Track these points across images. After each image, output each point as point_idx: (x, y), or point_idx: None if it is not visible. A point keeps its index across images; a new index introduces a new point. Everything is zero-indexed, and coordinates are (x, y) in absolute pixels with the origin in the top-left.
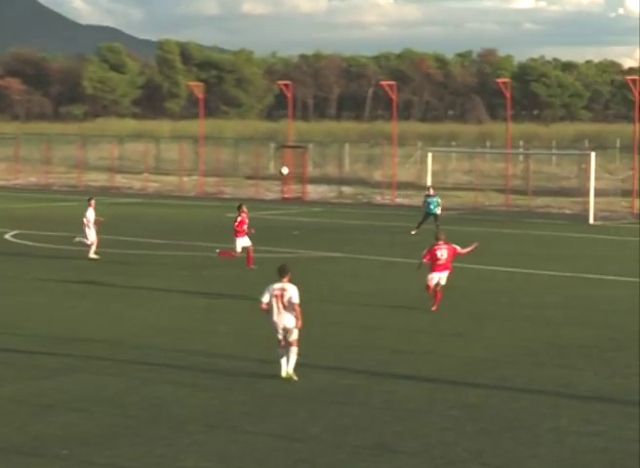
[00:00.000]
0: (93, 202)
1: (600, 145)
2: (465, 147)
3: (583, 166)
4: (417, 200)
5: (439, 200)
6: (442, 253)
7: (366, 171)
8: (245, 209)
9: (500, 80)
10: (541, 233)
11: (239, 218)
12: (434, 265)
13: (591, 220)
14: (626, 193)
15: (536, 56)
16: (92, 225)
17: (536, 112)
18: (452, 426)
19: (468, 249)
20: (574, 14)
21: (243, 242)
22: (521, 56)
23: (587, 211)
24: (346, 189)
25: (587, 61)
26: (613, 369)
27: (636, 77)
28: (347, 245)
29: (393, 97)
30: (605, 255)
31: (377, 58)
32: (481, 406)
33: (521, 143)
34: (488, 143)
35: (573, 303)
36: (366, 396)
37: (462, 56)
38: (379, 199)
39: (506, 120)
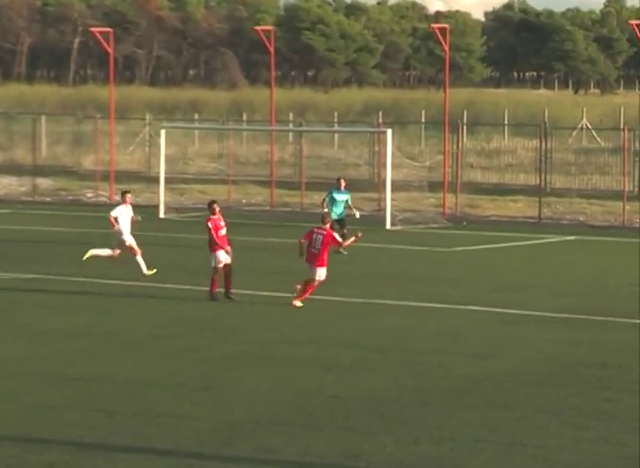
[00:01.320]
0: (129, 196)
1: (399, 119)
2: (213, 122)
3: (377, 148)
4: (144, 198)
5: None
6: (317, 237)
7: (71, 156)
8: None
9: (260, 27)
10: None
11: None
12: (308, 254)
13: (388, 225)
14: (435, 186)
15: None
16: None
17: (311, 73)
18: None
19: (350, 240)
20: None
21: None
22: None
23: (383, 211)
24: (43, 182)
25: (380, 3)
26: (418, 431)
27: (445, 25)
28: (43, 262)
29: (109, 49)
30: (408, 273)
31: None
32: None
33: (291, 117)
34: (245, 116)
35: (364, 340)
36: None
37: None
38: (90, 196)
39: (270, 84)
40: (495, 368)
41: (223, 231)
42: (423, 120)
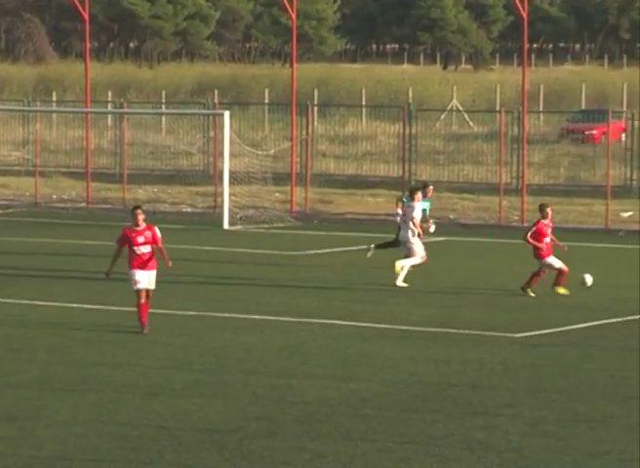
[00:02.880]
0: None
1: (238, 100)
2: (17, 103)
3: (212, 134)
4: None
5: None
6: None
7: None
8: None
9: None
10: None
11: None
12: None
13: (226, 224)
14: (281, 178)
15: None
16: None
17: (133, 45)
18: None
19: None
20: None
21: None
22: None
23: (220, 208)
24: None
25: None
26: (262, 466)
27: None
28: None
29: None
30: (249, 281)
31: None
32: None
33: (110, 96)
34: (54, 96)
35: (198, 360)
36: None
37: None
38: None
39: (84, 57)
40: (352, 391)
41: (147, 248)
42: (267, 100)
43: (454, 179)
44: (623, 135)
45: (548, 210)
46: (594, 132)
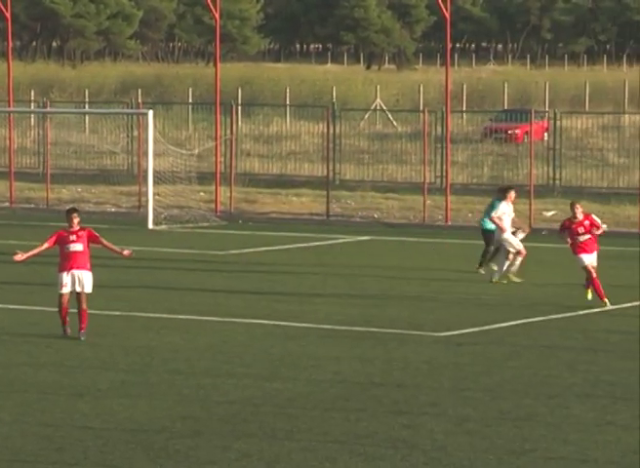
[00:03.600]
0: (512, 194)
1: (162, 99)
2: None
3: (136, 133)
4: None
5: None
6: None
7: None
8: None
9: None
10: None
11: None
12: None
13: (151, 224)
14: (205, 178)
15: None
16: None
17: (56, 44)
18: None
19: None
20: None
21: None
22: None
23: (144, 207)
24: None
25: None
26: (188, 466)
27: None
28: None
29: None
30: (173, 282)
31: None
32: None
33: (32, 96)
34: None
35: (123, 361)
36: None
37: None
38: None
39: (6, 56)
40: (276, 391)
41: (77, 246)
42: (191, 100)
43: (378, 179)
44: (546, 134)
45: (575, 208)
46: (517, 131)
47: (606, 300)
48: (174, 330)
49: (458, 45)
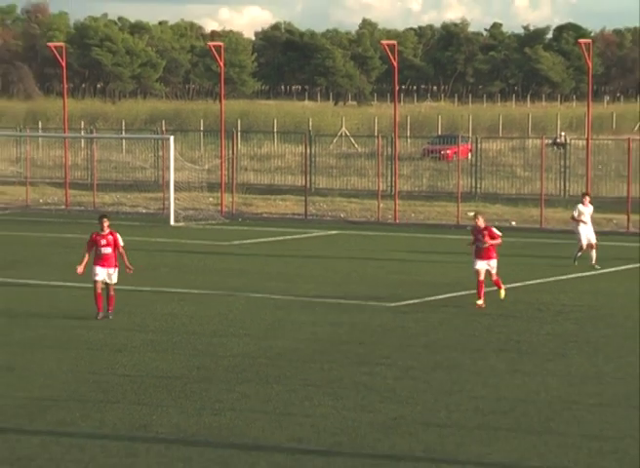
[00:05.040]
0: (588, 198)
1: (180, 128)
2: (11, 129)
3: (161, 153)
4: None
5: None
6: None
7: None
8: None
9: (52, 44)
10: None
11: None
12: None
13: (172, 221)
14: (213, 187)
15: (97, 14)
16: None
17: (100, 85)
18: None
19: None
20: None
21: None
22: (78, 13)
23: (167, 209)
24: None
25: (161, 23)
26: (201, 404)
27: (220, 43)
28: None
29: None
30: (190, 265)
31: None
32: (38, 458)
33: (82, 125)
34: (40, 124)
35: (153, 324)
36: None
37: (4, 12)
38: None
39: (62, 95)
40: (268, 347)
41: (107, 249)
42: (202, 128)
43: (344, 187)
44: (469, 154)
45: (477, 218)
46: (448, 151)
47: (481, 302)
48: (190, 301)
49: (403, 87)
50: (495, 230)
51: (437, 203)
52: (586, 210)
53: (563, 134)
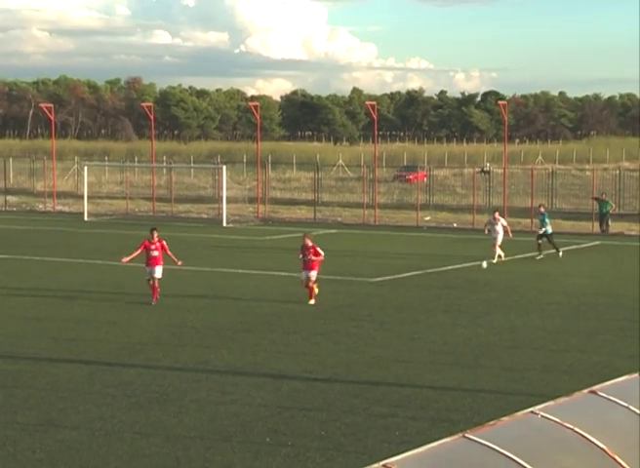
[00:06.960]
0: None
1: (230, 160)
2: (116, 162)
3: (217, 177)
4: (74, 208)
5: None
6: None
7: (29, 182)
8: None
9: (144, 104)
10: (184, 234)
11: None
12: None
13: (224, 223)
14: (252, 200)
15: (175, 84)
16: None
17: (176, 132)
18: (109, 402)
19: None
20: (204, 49)
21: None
22: (162, 84)
23: (221, 215)
24: (11, 198)
25: (218, 90)
26: (243, 347)
27: (257, 103)
28: (13, 247)
29: (51, 117)
30: (237, 253)
31: (36, 84)
32: (134, 383)
33: (164, 158)
34: (136, 158)
35: (210, 293)
36: (32, 379)
37: (112, 82)
38: (41, 207)
39: (151, 139)
40: (291, 309)
41: (156, 252)
42: (245, 161)
43: (342, 201)
44: (426, 178)
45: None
46: (411, 177)
47: (312, 301)
48: (235, 277)
49: (380, 133)
50: (319, 249)
51: (403, 211)
52: (495, 222)
53: (488, 164)
